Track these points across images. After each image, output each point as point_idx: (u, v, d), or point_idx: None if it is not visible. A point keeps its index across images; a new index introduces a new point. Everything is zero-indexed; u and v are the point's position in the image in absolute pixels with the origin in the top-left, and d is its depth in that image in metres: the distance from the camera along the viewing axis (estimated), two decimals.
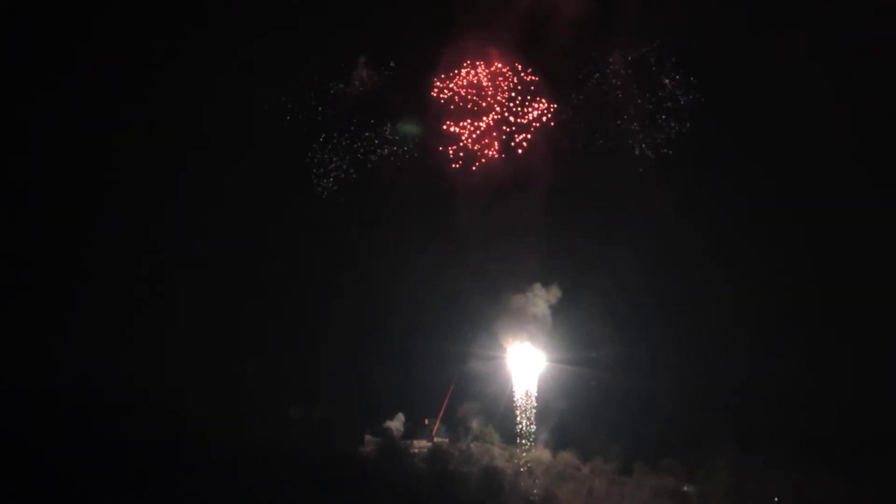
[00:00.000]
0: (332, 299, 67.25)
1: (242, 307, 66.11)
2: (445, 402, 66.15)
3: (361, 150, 66.62)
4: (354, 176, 66.64)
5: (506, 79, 66.70)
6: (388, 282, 66.27)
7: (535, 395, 65.50)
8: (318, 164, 66.25)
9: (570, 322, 65.58)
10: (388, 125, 66.90)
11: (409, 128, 67.46)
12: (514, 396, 65.52)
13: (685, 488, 63.00)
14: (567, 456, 63.92)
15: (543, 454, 64.34)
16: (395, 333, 65.37)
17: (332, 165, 66.08)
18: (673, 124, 66.32)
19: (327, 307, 67.29)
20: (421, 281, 65.44)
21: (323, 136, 66.50)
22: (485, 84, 66.50)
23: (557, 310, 65.61)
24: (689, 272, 66.44)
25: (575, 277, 66.21)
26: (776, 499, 61.68)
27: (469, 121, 66.31)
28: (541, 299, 65.40)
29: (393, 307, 66.04)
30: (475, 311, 65.28)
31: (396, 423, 65.78)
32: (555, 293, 65.55)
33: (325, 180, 66.04)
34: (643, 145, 66.24)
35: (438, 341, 64.65)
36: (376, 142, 66.71)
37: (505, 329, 65.55)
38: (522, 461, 64.02)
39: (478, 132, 66.30)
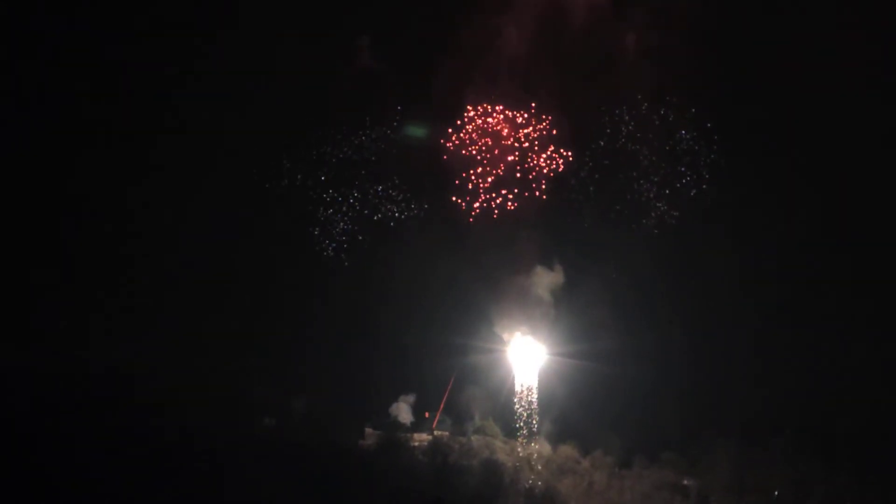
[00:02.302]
0: (330, 291, 67.16)
1: (238, 299, 66.01)
2: (446, 395, 66.05)
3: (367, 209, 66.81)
4: (360, 237, 66.87)
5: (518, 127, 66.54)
6: (387, 273, 66.37)
7: (536, 387, 65.39)
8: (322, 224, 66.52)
9: (570, 314, 65.53)
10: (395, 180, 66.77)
11: (416, 130, 67.23)
12: (514, 390, 65.43)
13: (685, 482, 62.91)
14: (567, 449, 63.86)
15: (544, 447, 64.28)
16: (395, 326, 65.24)
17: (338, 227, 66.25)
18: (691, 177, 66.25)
19: (325, 299, 67.18)
20: (419, 271, 65.36)
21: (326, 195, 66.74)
22: (503, 133, 66.27)
23: (559, 298, 65.63)
24: (690, 263, 66.61)
25: (576, 268, 66.37)
26: (776, 493, 61.66)
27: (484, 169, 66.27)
28: (543, 281, 65.32)
29: (392, 299, 66.03)
30: (475, 300, 65.15)
31: (404, 410, 65.61)
32: (558, 276, 65.44)
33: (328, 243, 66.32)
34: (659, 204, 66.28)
35: (438, 334, 64.51)
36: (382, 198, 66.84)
37: (506, 317, 65.34)
38: (522, 454, 63.92)
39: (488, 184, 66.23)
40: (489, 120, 66.23)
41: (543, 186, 66.33)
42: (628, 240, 65.85)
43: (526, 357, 65.75)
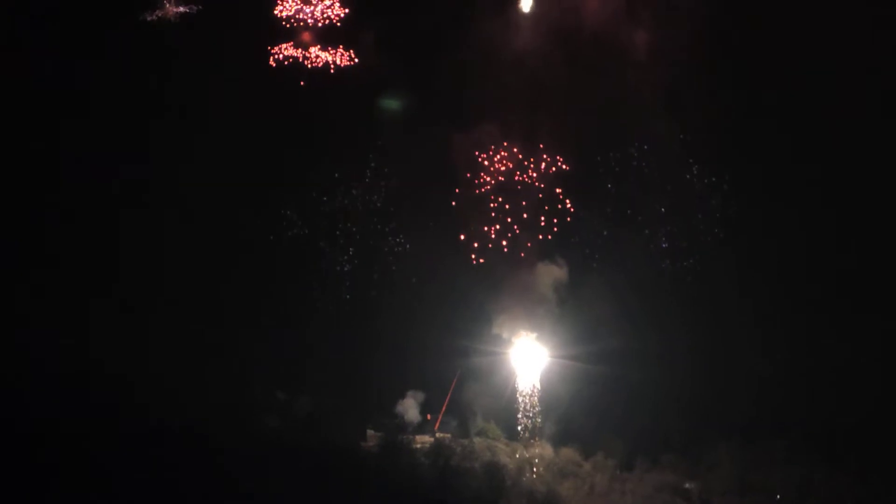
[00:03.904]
0: (332, 292, 67.24)
1: (239, 299, 65.97)
2: (448, 397, 66.07)
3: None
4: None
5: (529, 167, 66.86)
6: (387, 274, 66.94)
7: (538, 389, 65.44)
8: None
9: (572, 316, 65.60)
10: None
11: (390, 103, 67.46)
12: (516, 392, 65.47)
13: (687, 485, 62.91)
14: (569, 452, 63.87)
15: (546, 450, 64.30)
16: (397, 328, 65.37)
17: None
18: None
19: (327, 299, 67.32)
20: (422, 272, 66.09)
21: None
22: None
23: (562, 298, 65.70)
24: (694, 265, 66.97)
25: (580, 270, 66.53)
26: (778, 496, 61.65)
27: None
28: (547, 278, 65.48)
29: (394, 300, 66.42)
30: (478, 301, 65.25)
31: (412, 407, 65.68)
32: (562, 271, 65.52)
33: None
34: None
35: (440, 336, 64.60)
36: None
37: (508, 317, 65.41)
38: (524, 457, 63.97)
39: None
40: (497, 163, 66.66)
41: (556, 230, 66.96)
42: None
43: (528, 359, 65.62)
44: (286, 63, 69.53)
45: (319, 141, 67.87)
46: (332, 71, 69.34)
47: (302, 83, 69.43)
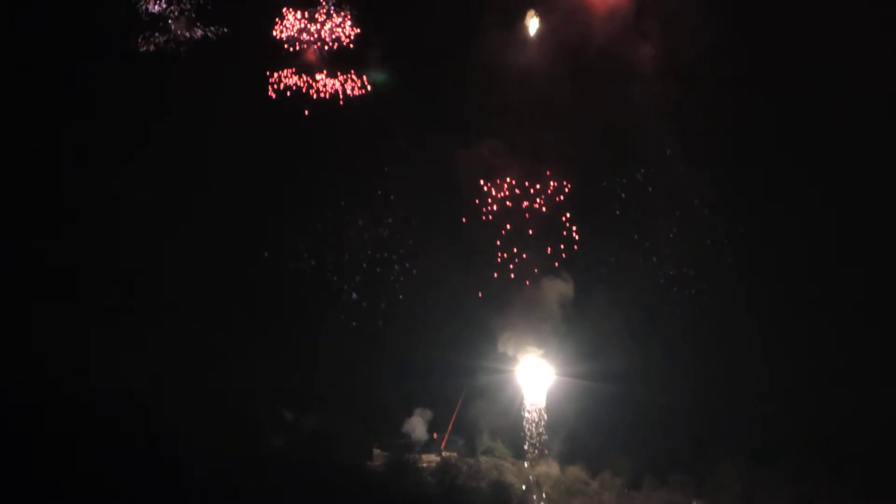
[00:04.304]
0: (339, 308, 67.43)
1: (243, 314, 65.92)
2: (454, 415, 66.00)
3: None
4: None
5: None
6: (395, 291, 67.03)
7: (544, 408, 65.39)
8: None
9: (578, 334, 65.73)
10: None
11: (377, 76, 67.40)
12: (523, 410, 65.42)
13: (693, 503, 62.79)
14: (575, 470, 63.74)
15: (552, 468, 64.13)
16: (403, 347, 65.44)
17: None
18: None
19: (333, 316, 67.43)
20: (428, 289, 66.03)
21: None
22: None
23: (568, 315, 65.86)
24: (700, 282, 67.23)
25: (586, 287, 66.76)
26: None
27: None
28: (552, 294, 65.64)
29: (399, 318, 66.58)
30: (483, 318, 65.34)
31: (419, 426, 65.65)
32: (567, 287, 65.73)
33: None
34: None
35: (446, 355, 64.58)
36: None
37: (514, 333, 65.48)
38: (531, 476, 63.81)
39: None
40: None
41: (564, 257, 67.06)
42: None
43: (534, 377, 65.61)
44: (288, 93, 66.85)
45: (323, 170, 67.45)
46: (341, 102, 67.21)
47: (307, 112, 66.98)
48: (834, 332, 64.52)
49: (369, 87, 67.19)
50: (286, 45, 67.76)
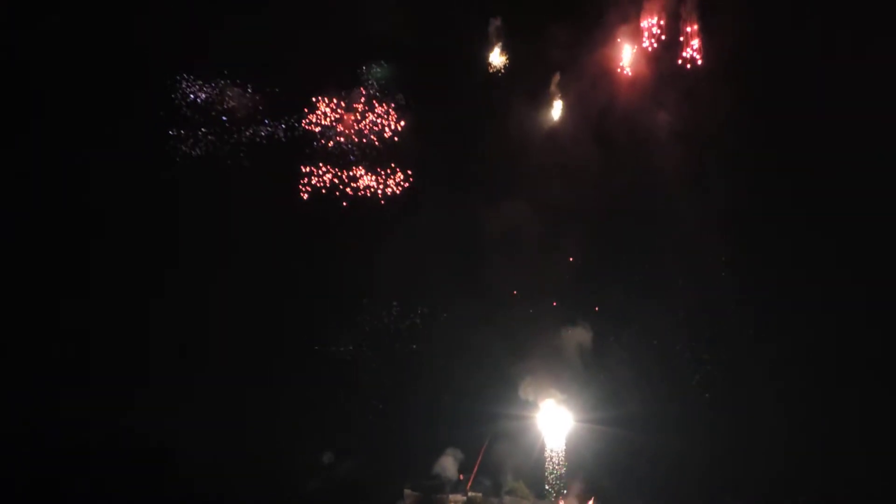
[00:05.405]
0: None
1: (269, 358, 70.09)
2: (479, 458, 70.08)
3: None
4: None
5: None
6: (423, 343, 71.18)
7: (564, 451, 69.29)
8: None
9: (595, 382, 69.21)
10: None
11: (377, 72, 68.29)
12: (544, 454, 69.41)
13: None
14: None
15: None
16: (431, 396, 69.58)
17: None
18: None
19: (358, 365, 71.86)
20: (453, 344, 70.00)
21: None
22: None
23: (587, 364, 69.21)
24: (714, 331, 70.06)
25: (603, 335, 69.89)
26: None
27: None
28: (571, 343, 68.99)
29: (427, 368, 70.80)
30: (505, 370, 69.03)
31: (450, 465, 69.45)
32: (586, 335, 68.97)
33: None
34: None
35: (472, 403, 68.71)
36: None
37: (534, 382, 69.12)
38: None
39: None
40: None
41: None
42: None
43: (554, 422, 69.39)
44: (323, 191, 64.68)
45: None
46: (381, 203, 65.19)
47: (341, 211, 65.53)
48: (855, 395, 66.04)
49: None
50: (319, 138, 65.44)
